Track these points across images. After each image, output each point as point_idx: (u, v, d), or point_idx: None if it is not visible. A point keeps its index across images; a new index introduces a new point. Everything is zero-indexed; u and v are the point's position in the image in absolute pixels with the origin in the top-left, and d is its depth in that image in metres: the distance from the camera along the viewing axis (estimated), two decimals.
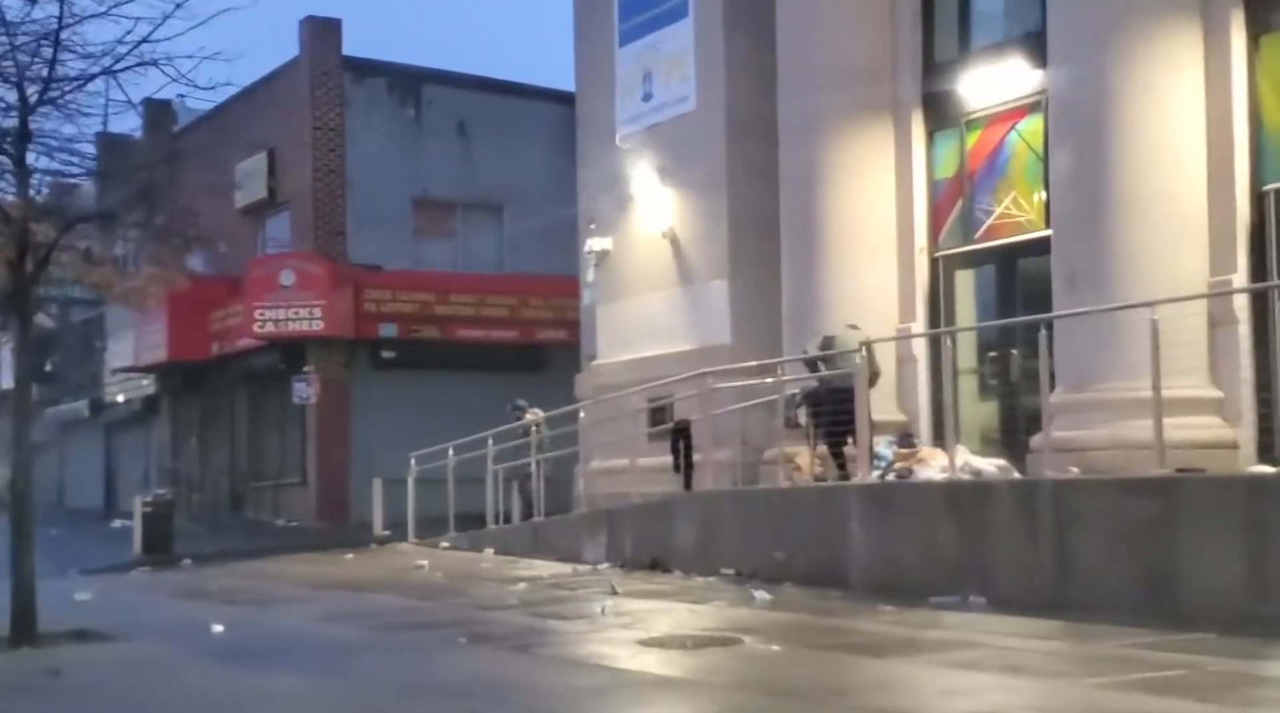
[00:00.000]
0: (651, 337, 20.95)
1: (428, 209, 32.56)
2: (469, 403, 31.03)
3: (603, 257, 22.01)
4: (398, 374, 31.42)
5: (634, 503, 18.11)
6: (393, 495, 27.59)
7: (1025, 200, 16.53)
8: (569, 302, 32.39)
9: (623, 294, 21.69)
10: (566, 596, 14.54)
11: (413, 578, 17.39)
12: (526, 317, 32.26)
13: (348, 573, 18.77)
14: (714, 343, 19.62)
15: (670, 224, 20.58)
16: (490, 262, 33.07)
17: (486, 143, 32.63)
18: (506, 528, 21.32)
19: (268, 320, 30.25)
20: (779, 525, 15.34)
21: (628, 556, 17.73)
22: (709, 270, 19.93)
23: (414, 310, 31.29)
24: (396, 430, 31.04)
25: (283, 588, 16.71)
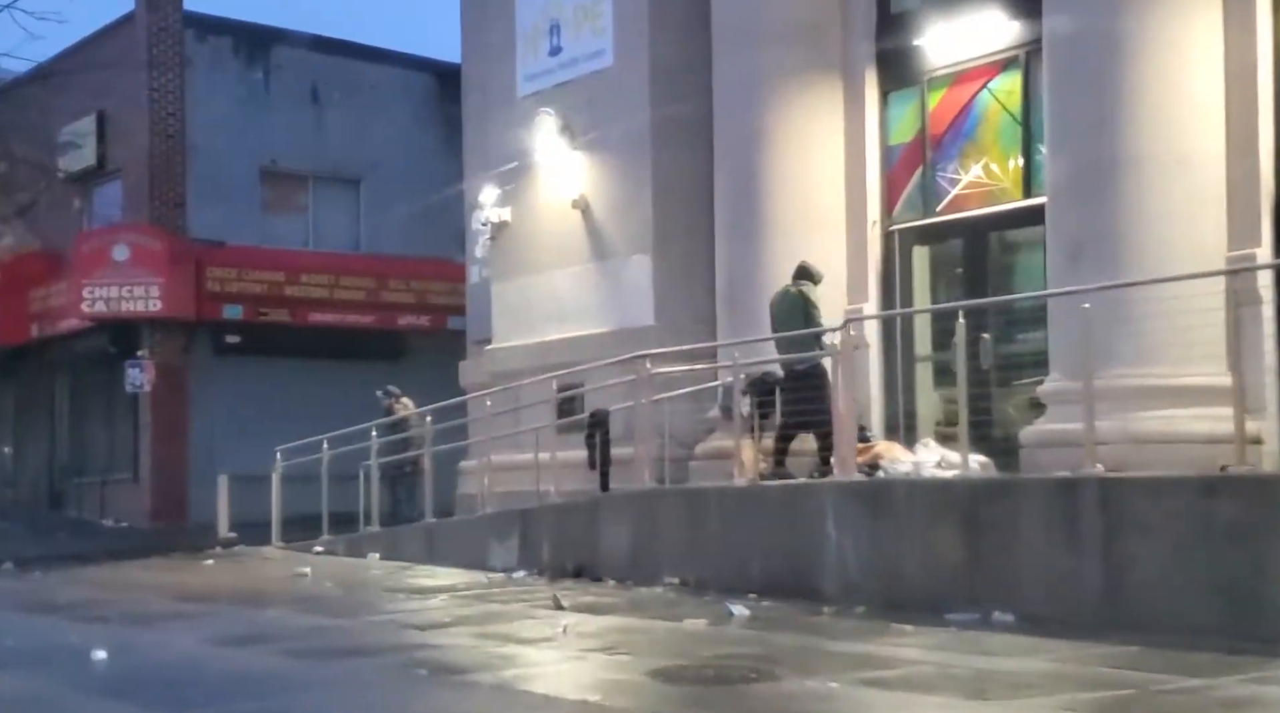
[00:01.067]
0: (559, 318, 19.07)
1: (277, 181, 30.18)
2: (321, 394, 28.94)
3: (500, 229, 20.04)
4: (243, 361, 29.01)
5: (553, 503, 16.25)
6: (237, 494, 25.40)
7: (1000, 167, 15.09)
8: (432, 285, 30.51)
9: (524, 271, 19.76)
10: (502, 610, 12.63)
11: (301, 589, 15.26)
12: (386, 301, 30.16)
13: (218, 582, 16.55)
14: (634, 325, 17.83)
15: (582, 192, 18.72)
16: (345, 240, 30.84)
17: (342, 111, 30.40)
18: (391, 531, 19.27)
19: (98, 300, 27.66)
20: (734, 529, 13.65)
21: (545, 562, 15.88)
22: (629, 244, 18.12)
23: (262, 291, 28.95)
24: (240, 423, 28.70)
25: (150, 600, 14.46)
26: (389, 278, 30.12)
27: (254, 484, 26.20)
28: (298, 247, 30.10)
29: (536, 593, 13.92)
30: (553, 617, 11.87)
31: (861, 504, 12.28)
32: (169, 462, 28.32)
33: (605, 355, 17.56)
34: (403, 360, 30.14)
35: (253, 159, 29.57)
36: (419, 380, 29.88)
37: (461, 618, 12.13)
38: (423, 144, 31.11)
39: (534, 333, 19.49)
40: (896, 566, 11.81)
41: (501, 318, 20.13)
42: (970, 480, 11.66)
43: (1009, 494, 11.15)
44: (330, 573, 16.79)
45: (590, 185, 18.69)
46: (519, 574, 15.76)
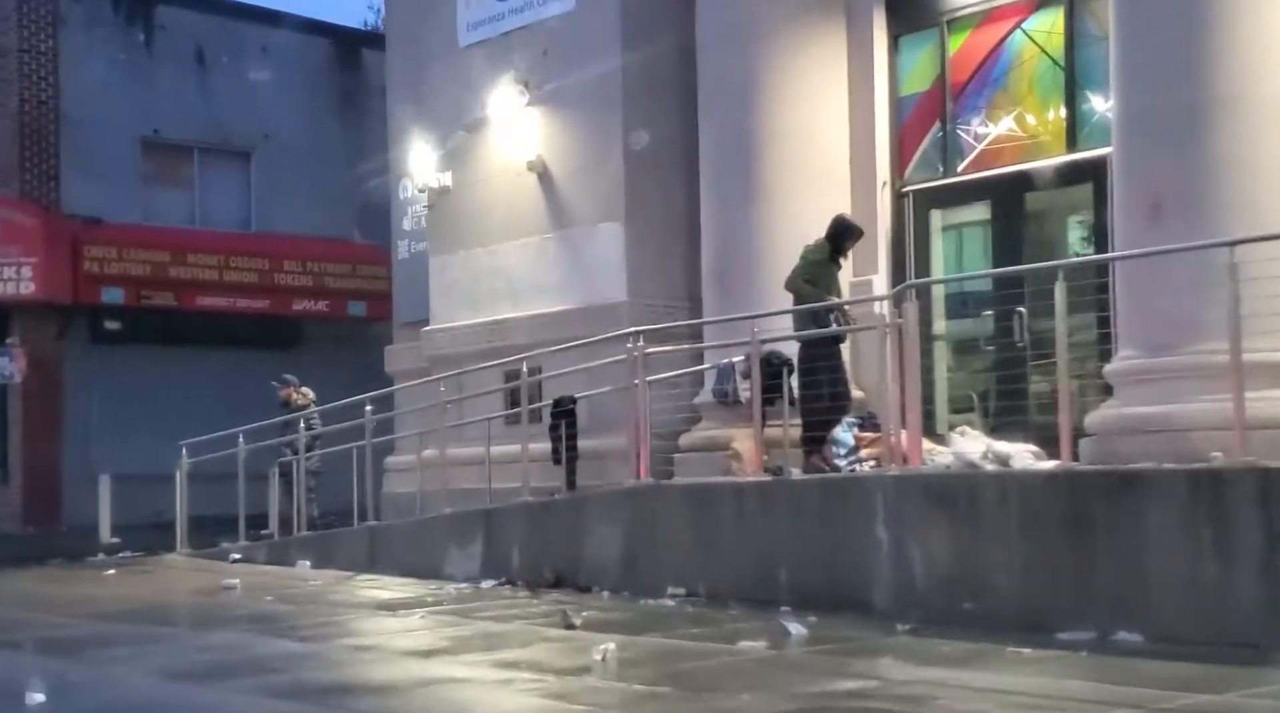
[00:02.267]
0: (511, 296, 17.00)
1: (159, 153, 27.55)
2: (209, 385, 26.54)
3: (439, 197, 17.87)
4: (123, 349, 26.43)
5: (524, 502, 14.20)
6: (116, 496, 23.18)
7: (1037, 118, 13.36)
8: (330, 267, 28.17)
9: (468, 243, 17.63)
10: (503, 631, 10.63)
11: (239, 604, 13.03)
12: (280, 284, 27.72)
13: (134, 597, 14.22)
14: (603, 301, 15.85)
15: (538, 153, 16.65)
16: (235, 218, 28.33)
17: (230, 78, 27.88)
18: (324, 535, 17.01)
19: None
20: (755, 531, 11.77)
21: (516, 569, 13.86)
22: (595, 211, 16.11)
23: (144, 273, 26.35)
24: (120, 417, 26.13)
25: (63, 621, 12.13)
26: (283, 259, 27.69)
27: (135, 484, 23.83)
28: (183, 224, 27.56)
29: (527, 607, 11.96)
30: (570, 638, 9.98)
31: (930, 501, 10.44)
32: (41, 460, 25.66)
33: (567, 336, 15.59)
34: (298, 348, 27.93)
35: (133, 128, 26.96)
36: (317, 370, 27.66)
37: (461, 641, 10.09)
38: (318, 115, 28.76)
39: (481, 312, 17.40)
40: (980, 575, 9.99)
41: (442, 297, 17.97)
42: (1079, 472, 9.87)
43: (1132, 489, 9.37)
44: (263, 584, 14.57)
45: (548, 146, 16.64)
46: (486, 584, 13.73)
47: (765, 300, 13.63)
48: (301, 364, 27.59)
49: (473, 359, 16.95)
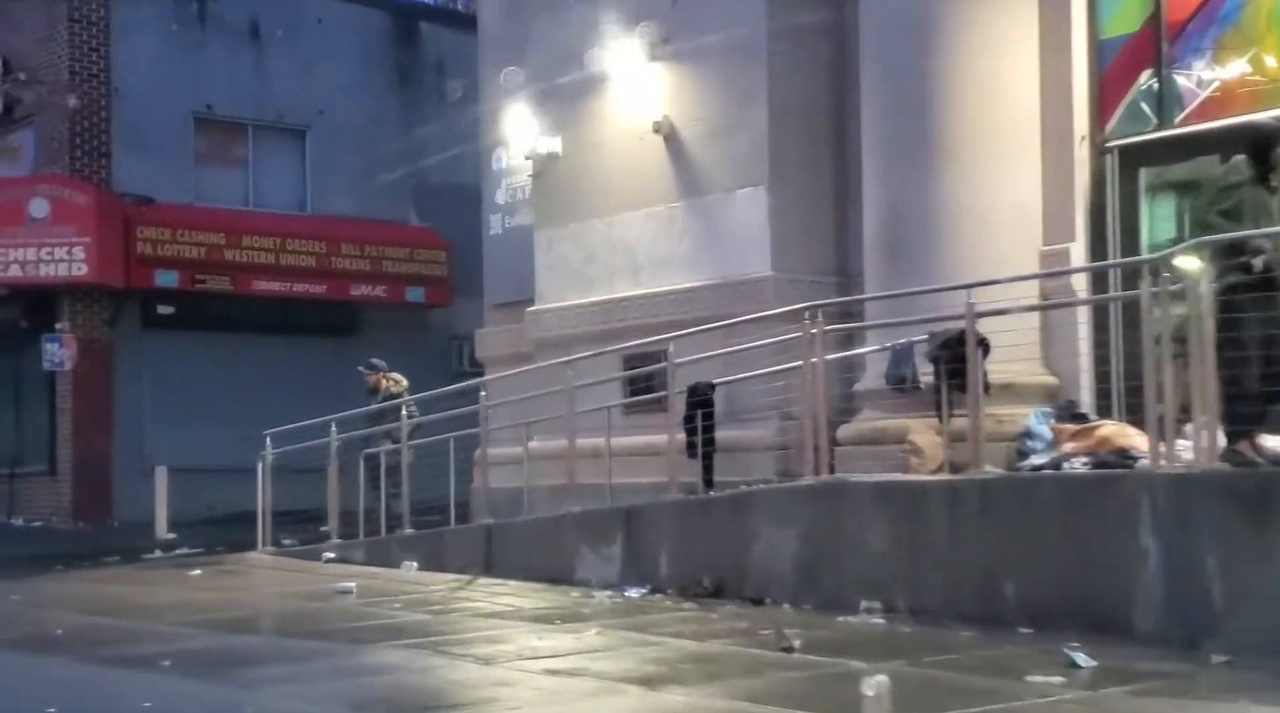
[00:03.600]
0: (630, 272, 15.10)
1: (212, 130, 25.57)
2: (264, 373, 24.62)
3: (546, 165, 15.92)
4: (176, 335, 24.49)
5: (675, 500, 12.30)
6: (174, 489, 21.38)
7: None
8: (388, 251, 26.22)
9: (579, 214, 15.71)
10: (711, 654, 8.71)
11: (368, 613, 11.11)
12: (336, 268, 25.71)
13: (240, 601, 12.38)
14: (741, 276, 13.96)
15: (665, 114, 14.70)
16: (289, 198, 26.34)
17: (285, 52, 25.92)
18: (434, 534, 15.07)
19: (12, 263, 22.87)
20: (972, 537, 9.88)
21: (664, 576, 11.97)
22: (733, 176, 14.19)
23: (198, 256, 24.38)
24: (172, 407, 24.24)
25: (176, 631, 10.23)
26: (340, 242, 25.73)
27: (186, 477, 21.95)
28: (236, 205, 25.59)
29: (706, 622, 10.11)
30: (806, 666, 8.26)
31: (1234, 506, 8.46)
32: (93, 452, 23.72)
33: (697, 315, 13.78)
34: (356, 335, 25.94)
35: (185, 104, 24.98)
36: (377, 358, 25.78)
37: (671, 667, 8.26)
38: (374, 92, 26.82)
39: (595, 290, 15.49)
40: None
41: (549, 274, 16.05)
42: None
43: None
44: (378, 589, 12.69)
45: (677, 105, 14.72)
46: (634, 593, 11.82)
47: (944, 273, 11.77)
48: (360, 351, 25.73)
49: (585, 342, 15.09)
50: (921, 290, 11.20)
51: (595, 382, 13.94)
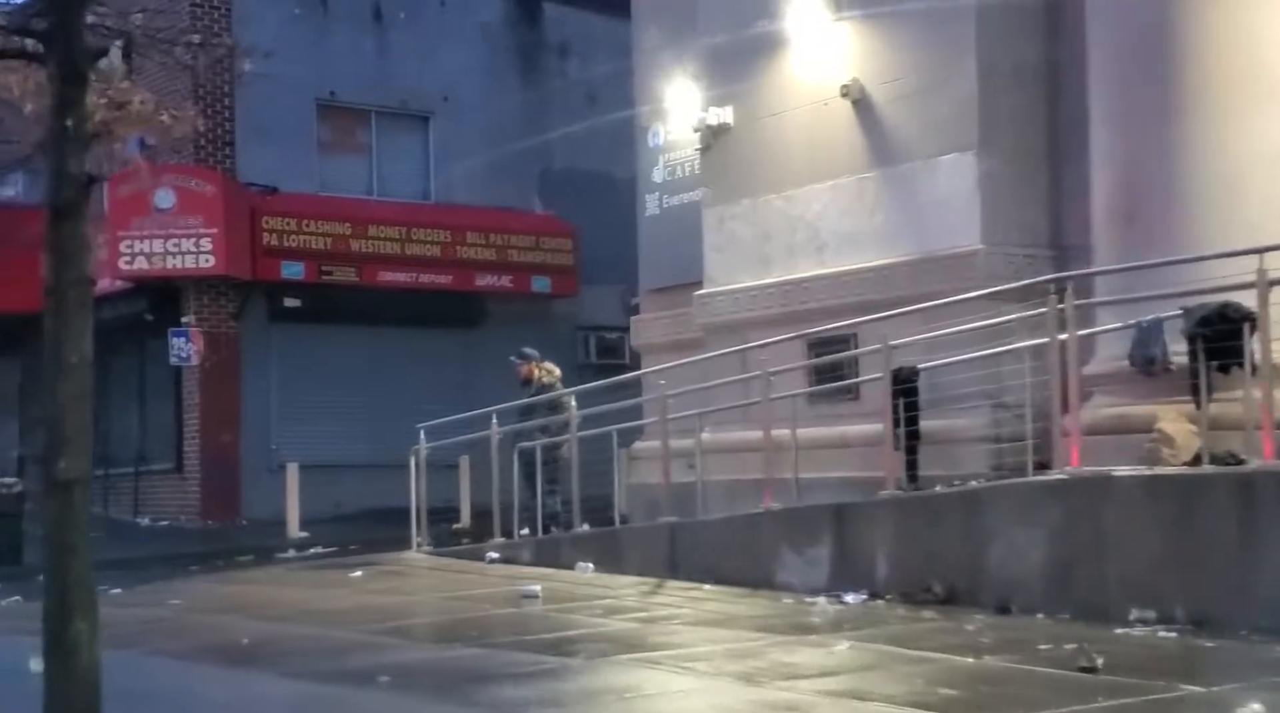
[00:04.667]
0: (813, 249, 13.91)
1: (335, 117, 24.65)
2: (391, 366, 23.68)
3: (716, 137, 14.73)
4: (302, 329, 23.58)
5: (891, 497, 11.08)
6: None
7: None
8: (512, 240, 25.15)
9: (754, 189, 14.51)
10: (994, 673, 7.52)
11: (570, 622, 10.02)
12: (462, 258, 24.64)
13: (423, 606, 11.44)
14: (946, 250, 12.71)
15: (853, 77, 13.46)
16: (412, 187, 25.39)
17: (408, 34, 24.91)
18: (605, 534, 13.99)
19: (138, 255, 22.02)
20: (1276, 539, 8.55)
21: (882, 581, 10.77)
22: (935, 141, 12.93)
23: (324, 246, 23.43)
24: (297, 402, 23.37)
25: (378, 641, 9.18)
26: (465, 231, 24.68)
27: (312, 474, 21.02)
28: (360, 194, 24.62)
29: (960, 634, 8.85)
30: (1122, 689, 6.84)
31: None
32: (220, 449, 22.86)
33: (893, 295, 12.55)
34: (482, 327, 24.92)
35: (308, 90, 24.00)
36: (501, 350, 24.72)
37: (969, 690, 7.04)
38: (496, 75, 25.79)
39: (773, 271, 14.30)
40: None
41: (719, 254, 14.87)
42: None
43: None
44: (564, 593, 11.63)
45: (867, 68, 13.48)
46: (853, 598, 10.63)
47: (1189, 242, 10.49)
48: (484, 343, 24.78)
49: (762, 327, 13.95)
50: (1197, 258, 9.90)
51: (784, 369, 12.73)
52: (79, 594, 5.30)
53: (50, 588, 5.36)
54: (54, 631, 5.31)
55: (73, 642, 5.24)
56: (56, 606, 5.32)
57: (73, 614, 5.26)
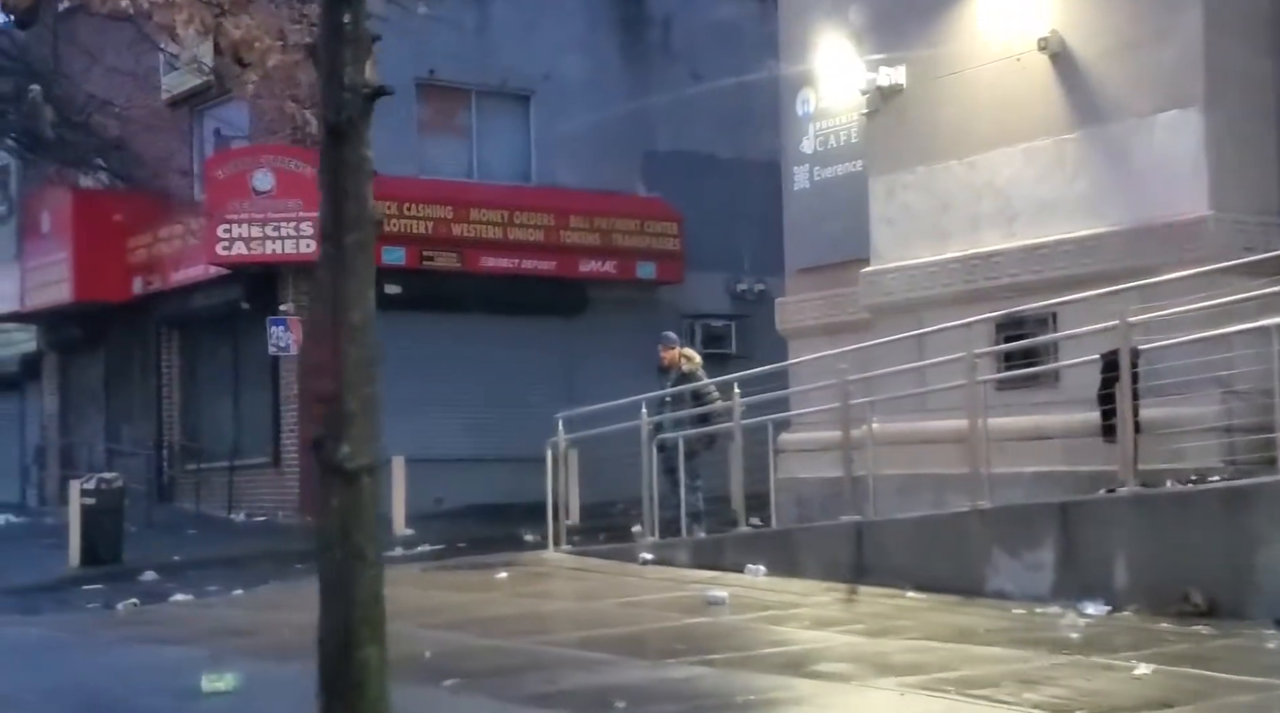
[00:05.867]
0: (1002, 220, 12.58)
1: (435, 97, 23.39)
2: (492, 356, 22.46)
3: (886, 101, 13.39)
4: (402, 317, 22.16)
5: (1135, 494, 9.75)
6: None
7: None
8: (616, 224, 23.87)
9: (929, 156, 13.19)
10: None
11: (783, 635, 8.75)
12: (565, 243, 23.35)
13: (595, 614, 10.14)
14: (1166, 217, 11.33)
15: (1052, 29, 12.09)
16: (514, 169, 24.12)
17: (508, 11, 23.64)
18: (769, 534, 12.74)
19: (236, 240, 20.90)
20: None
21: (1119, 588, 9.47)
22: (1152, 96, 11.56)
23: (425, 231, 22.20)
24: (397, 393, 22.03)
25: (575, 654, 7.97)
26: (569, 215, 23.41)
27: (413, 468, 19.89)
28: (460, 177, 23.40)
29: (1262, 652, 7.48)
30: None
31: None
32: None
33: (1097, 268, 11.16)
34: (585, 314, 23.73)
35: (407, 69, 22.69)
36: (605, 339, 23.54)
37: None
38: (597, 51, 24.47)
39: (952, 244, 12.98)
40: None
41: (889, 228, 13.55)
42: None
43: None
44: (751, 601, 10.36)
45: (1069, 17, 12.13)
46: (1093, 608, 9.28)
47: None
48: (588, 332, 23.60)
49: (940, 306, 12.68)
50: None
51: (988, 351, 11.41)
52: (368, 612, 4.06)
53: (330, 605, 4.15)
54: (335, 657, 4.13)
55: (359, 671, 4.03)
56: (339, 627, 4.10)
57: (360, 638, 4.07)
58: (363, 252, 4.38)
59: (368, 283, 4.41)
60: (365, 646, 4.12)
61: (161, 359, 24.83)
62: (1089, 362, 10.74)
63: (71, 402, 27.73)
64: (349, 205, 4.36)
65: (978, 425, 10.72)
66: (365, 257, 4.39)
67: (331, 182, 4.39)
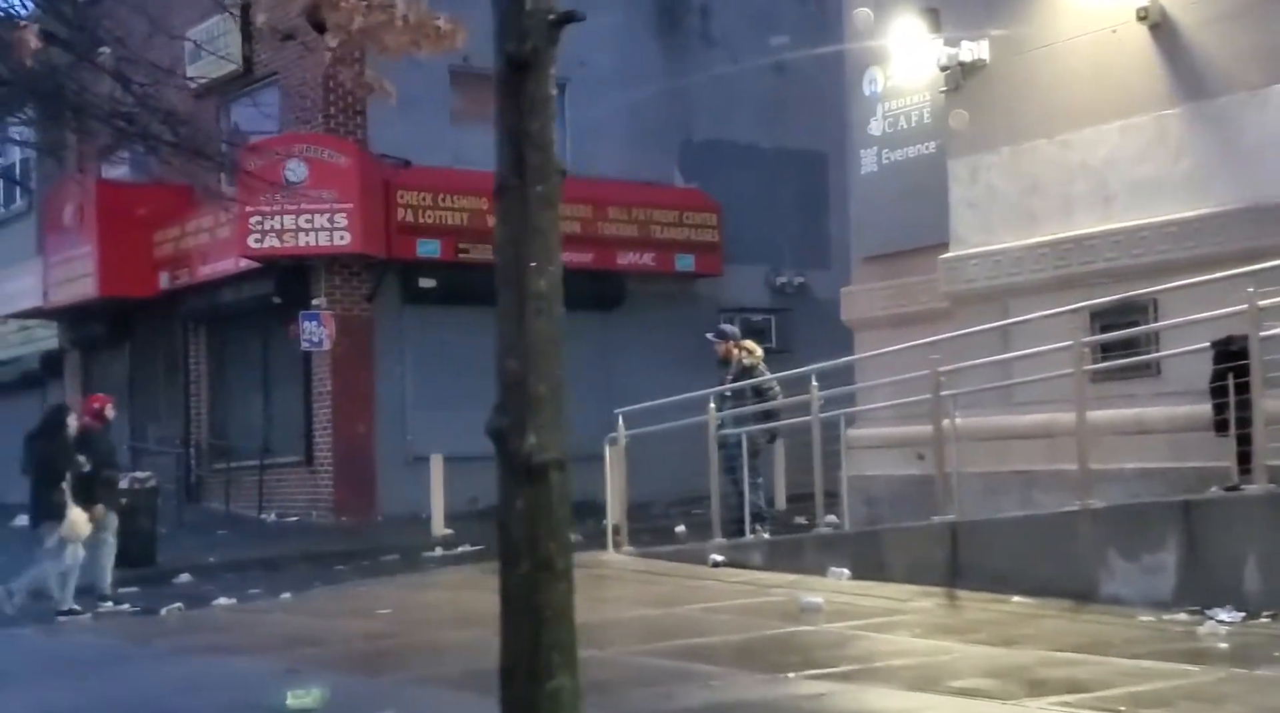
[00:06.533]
0: (1097, 201, 11.87)
1: (469, 84, 22.57)
2: None
3: (967, 77, 12.68)
4: (437, 311, 21.65)
5: (1265, 492, 8.99)
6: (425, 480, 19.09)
7: None
8: (655, 215, 23.17)
9: (1016, 135, 12.47)
10: None
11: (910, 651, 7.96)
12: (603, 235, 22.62)
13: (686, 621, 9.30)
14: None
15: None
16: None
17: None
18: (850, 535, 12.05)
19: (268, 233, 20.19)
20: None
21: (1250, 594, 8.92)
22: (1267, 68, 10.82)
23: (461, 223, 21.49)
24: (431, 390, 21.48)
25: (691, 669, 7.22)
26: (607, 206, 22.68)
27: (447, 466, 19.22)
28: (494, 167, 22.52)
29: None
30: None
31: None
32: (354, 439, 21.01)
33: (1203, 251, 10.42)
34: (623, 308, 23.03)
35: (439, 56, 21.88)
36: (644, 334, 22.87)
37: None
38: (634, 37, 23.74)
39: (1041, 228, 12.26)
40: None
41: (970, 211, 12.83)
42: None
43: None
44: (846, 607, 9.60)
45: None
46: (1226, 616, 8.56)
47: None
48: (625, 326, 22.91)
49: (1028, 293, 11.97)
50: None
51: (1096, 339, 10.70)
52: (557, 635, 3.37)
53: (516, 627, 3.46)
54: (521, 686, 3.39)
55: (550, 703, 3.30)
56: (526, 651, 3.40)
57: (549, 665, 3.38)
58: (548, 206, 3.70)
59: (554, 244, 3.72)
60: (557, 675, 3.44)
61: (189, 356, 24.14)
62: (1198, 351, 10.06)
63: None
64: (532, 152, 3.68)
65: (1085, 419, 10.00)
66: (551, 213, 3.71)
67: (512, 123, 3.73)
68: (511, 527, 3.59)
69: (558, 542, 3.58)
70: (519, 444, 3.56)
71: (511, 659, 3.51)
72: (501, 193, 3.73)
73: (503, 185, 3.71)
